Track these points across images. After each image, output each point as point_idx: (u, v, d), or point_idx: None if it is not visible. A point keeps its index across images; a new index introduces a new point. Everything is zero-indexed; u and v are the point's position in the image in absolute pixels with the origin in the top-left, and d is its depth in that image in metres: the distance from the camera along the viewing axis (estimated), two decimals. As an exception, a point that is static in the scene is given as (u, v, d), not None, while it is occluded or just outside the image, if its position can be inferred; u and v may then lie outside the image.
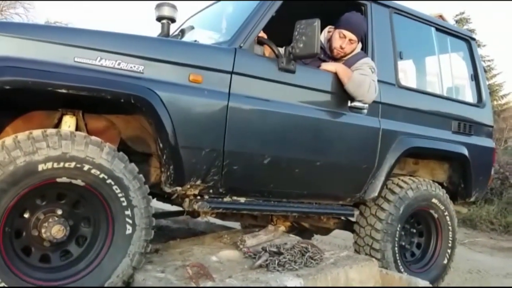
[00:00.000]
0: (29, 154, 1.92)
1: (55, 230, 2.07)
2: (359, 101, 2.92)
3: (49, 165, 1.96)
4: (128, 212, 2.17)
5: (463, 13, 28.04)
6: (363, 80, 2.85)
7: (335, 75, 2.90)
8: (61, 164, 1.98)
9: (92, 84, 2.10)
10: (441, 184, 3.70)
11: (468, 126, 3.63)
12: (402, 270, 3.26)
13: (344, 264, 2.51)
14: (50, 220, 2.10)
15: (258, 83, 2.63)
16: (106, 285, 2.14)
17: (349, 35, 2.97)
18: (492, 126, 3.87)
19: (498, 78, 26.28)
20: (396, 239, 3.23)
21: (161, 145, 2.34)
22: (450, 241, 3.56)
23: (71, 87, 2.06)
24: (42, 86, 2.00)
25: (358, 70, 2.91)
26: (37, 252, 2.13)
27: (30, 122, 2.37)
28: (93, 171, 2.06)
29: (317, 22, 2.55)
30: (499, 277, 3.64)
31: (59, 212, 2.15)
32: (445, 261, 3.56)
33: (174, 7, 3.70)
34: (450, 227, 3.54)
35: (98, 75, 2.14)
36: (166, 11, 3.62)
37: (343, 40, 2.99)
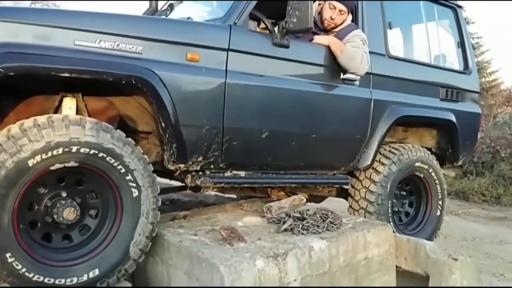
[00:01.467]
0: (15, 154, 1.92)
1: (66, 213, 2.12)
2: (352, 73, 2.99)
3: (37, 158, 1.96)
4: (129, 177, 2.20)
5: None
6: (355, 53, 2.91)
7: (328, 48, 2.96)
8: (49, 154, 1.98)
9: (94, 67, 2.13)
10: (429, 149, 3.83)
11: (456, 93, 3.74)
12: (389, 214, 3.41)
13: (362, 228, 2.66)
14: (58, 205, 2.14)
15: (253, 59, 2.68)
16: (131, 244, 2.24)
17: (339, 5, 3.02)
18: (478, 92, 3.98)
19: (487, 55, 26.45)
20: (390, 202, 3.37)
21: (163, 124, 2.39)
22: (439, 193, 3.73)
23: (73, 70, 2.08)
24: (45, 71, 2.03)
25: (350, 42, 2.96)
26: (58, 235, 2.19)
27: (32, 106, 2.40)
28: (82, 150, 2.06)
29: None
30: (493, 244, 3.83)
31: (64, 194, 2.19)
32: (438, 213, 3.75)
33: None
34: (436, 181, 3.69)
35: (98, 58, 2.16)
36: None
37: (333, 11, 3.03)
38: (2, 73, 1.91)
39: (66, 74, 2.07)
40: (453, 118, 3.63)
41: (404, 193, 3.70)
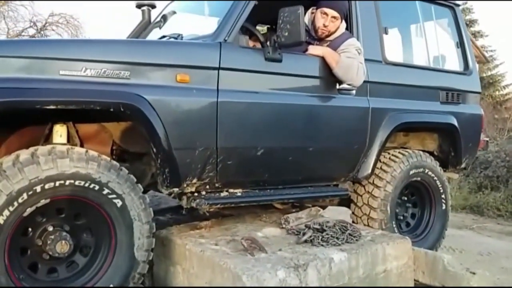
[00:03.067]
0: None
1: (59, 246, 2.11)
2: (348, 84, 2.93)
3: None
4: (106, 191, 2.17)
5: (465, 3, 27.98)
6: (351, 64, 2.85)
7: (322, 59, 2.89)
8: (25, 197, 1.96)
9: (80, 96, 2.09)
10: (431, 153, 3.76)
11: (456, 95, 3.66)
12: (394, 226, 3.36)
13: (381, 241, 2.66)
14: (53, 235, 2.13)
15: (246, 76, 2.62)
16: (135, 250, 2.26)
17: (331, 12, 2.95)
18: (479, 93, 3.90)
19: (500, 69, 26.44)
20: (393, 209, 3.32)
21: (154, 149, 2.35)
22: (443, 199, 3.66)
23: (59, 102, 2.05)
24: (30, 105, 1.99)
25: (345, 52, 2.89)
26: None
27: (22, 137, 2.37)
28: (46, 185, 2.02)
29: (300, 9, 2.52)
30: (509, 259, 3.77)
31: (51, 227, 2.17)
32: (442, 219, 3.68)
33: None
34: (439, 185, 3.62)
35: (84, 87, 2.12)
36: None
37: (325, 18, 2.96)
38: None
39: (52, 107, 2.03)
40: (454, 121, 3.56)
41: (407, 199, 3.64)
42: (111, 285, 2.23)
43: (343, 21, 3.05)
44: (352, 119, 3.05)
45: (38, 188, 1.99)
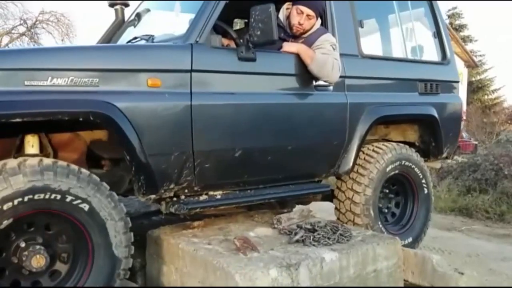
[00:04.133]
0: None
1: (35, 261, 2.07)
2: (324, 81, 2.90)
3: None
4: (69, 198, 2.10)
5: (455, 8, 28.29)
6: (325, 60, 2.82)
7: (297, 56, 2.86)
8: None
9: (46, 107, 2.04)
10: (412, 143, 3.76)
11: (435, 86, 3.66)
12: (381, 227, 3.37)
13: (372, 241, 2.69)
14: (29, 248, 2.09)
15: (219, 77, 2.58)
16: (113, 248, 2.23)
17: (306, 10, 2.91)
18: (458, 82, 3.90)
19: (490, 73, 26.65)
20: (376, 202, 3.32)
21: (128, 156, 2.30)
22: (425, 189, 3.65)
23: (25, 114, 1.99)
24: None
25: (319, 48, 2.87)
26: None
27: None
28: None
29: (272, 8, 2.49)
30: (496, 260, 3.80)
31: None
32: (426, 210, 3.69)
33: None
34: (421, 177, 3.61)
35: (51, 97, 2.06)
36: None
37: (300, 16, 2.92)
38: None
39: (17, 119, 1.97)
40: (434, 112, 3.55)
41: (388, 191, 3.62)
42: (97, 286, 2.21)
43: (319, 19, 3.01)
44: (330, 115, 3.03)
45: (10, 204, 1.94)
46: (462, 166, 7.03)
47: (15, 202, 1.95)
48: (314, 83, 2.94)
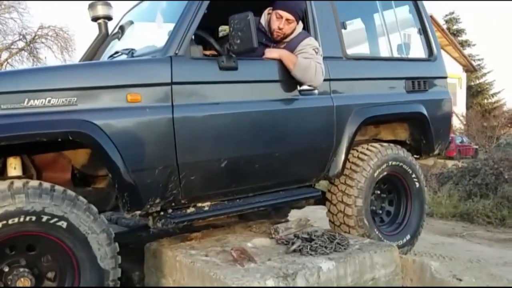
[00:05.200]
0: None
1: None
2: (308, 85, 2.88)
3: None
4: (45, 218, 2.08)
5: (452, 13, 28.57)
6: (308, 65, 2.79)
7: (280, 61, 2.83)
8: None
9: (24, 130, 2.02)
10: (403, 142, 3.74)
11: (423, 83, 3.63)
12: (378, 233, 3.34)
13: (369, 249, 2.70)
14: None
15: (201, 88, 2.56)
16: (99, 261, 2.21)
17: (285, 14, 2.88)
18: (446, 77, 3.87)
19: (489, 77, 26.75)
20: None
21: (110, 174, 2.28)
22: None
23: (0, 138, 1.96)
24: None
25: (302, 53, 2.84)
26: None
27: None
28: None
29: (250, 16, 2.47)
30: (498, 265, 3.79)
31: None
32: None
33: (108, 4, 3.53)
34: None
35: (28, 119, 2.04)
36: (100, 10, 3.46)
37: (280, 20, 2.89)
38: None
39: (-6, 144, 1.95)
40: (422, 109, 3.53)
41: (380, 192, 3.59)
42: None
43: (300, 22, 2.99)
44: (316, 119, 3.01)
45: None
46: (462, 171, 7.06)
47: None
48: (298, 88, 2.91)
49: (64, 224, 2.10)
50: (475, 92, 28.30)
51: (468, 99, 26.95)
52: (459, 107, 25.34)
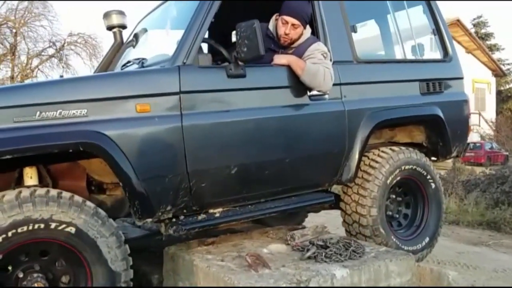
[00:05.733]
0: None
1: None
2: (318, 90, 2.87)
3: None
4: (53, 225, 2.13)
5: (480, 16, 28.06)
6: (317, 70, 2.79)
7: (289, 67, 2.84)
8: None
9: (35, 142, 2.09)
10: (420, 144, 3.68)
11: (438, 84, 3.56)
12: (395, 240, 3.30)
13: (385, 258, 2.68)
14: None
15: (210, 96, 2.59)
16: (110, 264, 2.25)
17: (291, 20, 2.88)
18: (462, 78, 3.80)
19: None
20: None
21: (121, 183, 2.33)
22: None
23: (14, 151, 2.04)
24: None
25: (310, 58, 2.84)
26: None
27: None
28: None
29: (256, 24, 2.49)
30: None
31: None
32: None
33: (122, 13, 3.61)
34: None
35: (40, 131, 2.11)
36: (115, 20, 3.55)
37: (285, 26, 2.90)
38: None
39: (7, 156, 2.03)
40: (438, 111, 3.47)
41: (395, 195, 3.55)
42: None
43: (307, 26, 2.99)
44: (327, 125, 3.00)
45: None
46: (490, 179, 6.90)
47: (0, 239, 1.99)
48: (308, 93, 2.91)
49: (72, 229, 2.15)
50: (505, 97, 27.65)
51: (498, 105, 26.29)
52: (489, 112, 24.75)
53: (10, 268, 2.14)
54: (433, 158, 3.75)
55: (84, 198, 2.32)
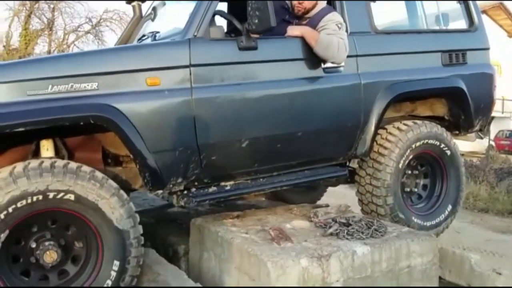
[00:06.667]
0: None
1: (47, 256, 2.21)
2: (332, 62, 2.82)
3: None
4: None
5: None
6: (330, 41, 2.73)
7: (303, 39, 2.79)
8: None
9: (48, 115, 2.14)
10: (441, 117, 3.59)
11: (461, 55, 3.43)
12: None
13: (406, 237, 2.69)
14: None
15: (220, 69, 2.58)
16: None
17: None
18: (488, 48, 3.64)
19: None
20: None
21: (132, 155, 2.38)
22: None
23: (27, 123, 2.10)
24: None
25: (324, 29, 2.78)
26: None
27: (12, 156, 2.45)
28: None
29: None
30: None
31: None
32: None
33: None
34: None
35: (52, 104, 2.16)
36: None
37: None
38: None
39: (21, 129, 2.09)
40: (460, 84, 3.35)
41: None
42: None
43: None
44: (341, 98, 2.95)
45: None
46: None
47: (1, 216, 2.05)
48: (322, 65, 2.86)
49: (71, 196, 2.17)
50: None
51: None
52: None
53: (22, 240, 2.23)
54: (455, 132, 3.64)
55: (100, 170, 2.38)
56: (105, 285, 2.28)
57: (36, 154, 2.54)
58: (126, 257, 2.30)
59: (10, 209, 2.07)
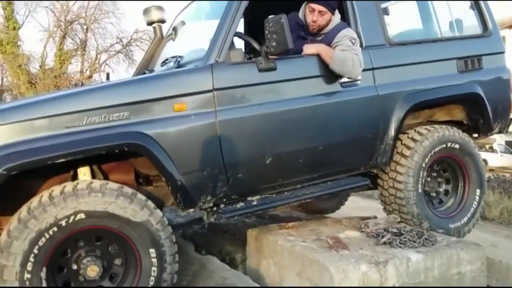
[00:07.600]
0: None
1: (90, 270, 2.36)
2: (348, 77, 2.92)
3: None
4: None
5: None
6: (345, 57, 2.83)
7: (318, 56, 2.90)
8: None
9: (85, 145, 2.29)
10: (460, 122, 3.64)
11: (477, 61, 3.48)
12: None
13: (456, 246, 2.83)
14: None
15: (242, 91, 2.71)
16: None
17: (317, 7, 2.94)
18: (503, 52, 3.67)
19: None
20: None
21: (163, 177, 2.52)
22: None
23: (67, 154, 2.26)
24: (41, 162, 2.22)
25: (338, 45, 2.88)
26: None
27: (53, 183, 2.62)
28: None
29: (283, 18, 2.55)
30: None
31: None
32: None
33: (160, 8, 3.77)
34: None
35: (88, 135, 2.32)
36: (154, 15, 3.71)
37: (313, 14, 2.97)
38: (5, 175, 2.13)
39: (61, 160, 2.26)
40: (477, 89, 3.40)
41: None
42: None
43: (336, 12, 3.02)
44: (360, 111, 3.04)
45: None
46: None
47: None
48: (339, 80, 2.96)
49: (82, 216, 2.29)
50: None
51: None
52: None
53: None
54: (474, 135, 3.69)
55: (133, 189, 2.51)
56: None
57: (75, 180, 2.71)
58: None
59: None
